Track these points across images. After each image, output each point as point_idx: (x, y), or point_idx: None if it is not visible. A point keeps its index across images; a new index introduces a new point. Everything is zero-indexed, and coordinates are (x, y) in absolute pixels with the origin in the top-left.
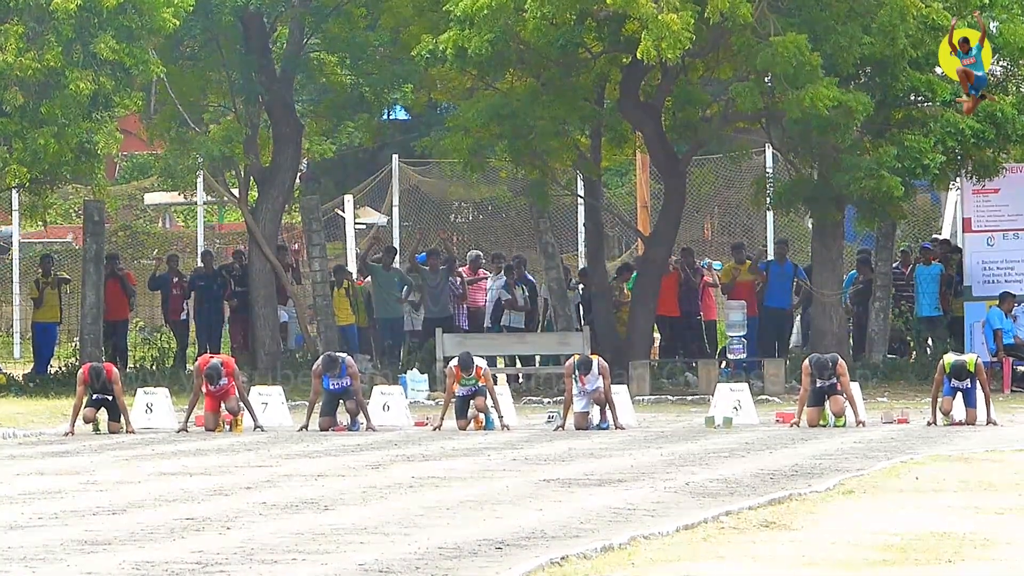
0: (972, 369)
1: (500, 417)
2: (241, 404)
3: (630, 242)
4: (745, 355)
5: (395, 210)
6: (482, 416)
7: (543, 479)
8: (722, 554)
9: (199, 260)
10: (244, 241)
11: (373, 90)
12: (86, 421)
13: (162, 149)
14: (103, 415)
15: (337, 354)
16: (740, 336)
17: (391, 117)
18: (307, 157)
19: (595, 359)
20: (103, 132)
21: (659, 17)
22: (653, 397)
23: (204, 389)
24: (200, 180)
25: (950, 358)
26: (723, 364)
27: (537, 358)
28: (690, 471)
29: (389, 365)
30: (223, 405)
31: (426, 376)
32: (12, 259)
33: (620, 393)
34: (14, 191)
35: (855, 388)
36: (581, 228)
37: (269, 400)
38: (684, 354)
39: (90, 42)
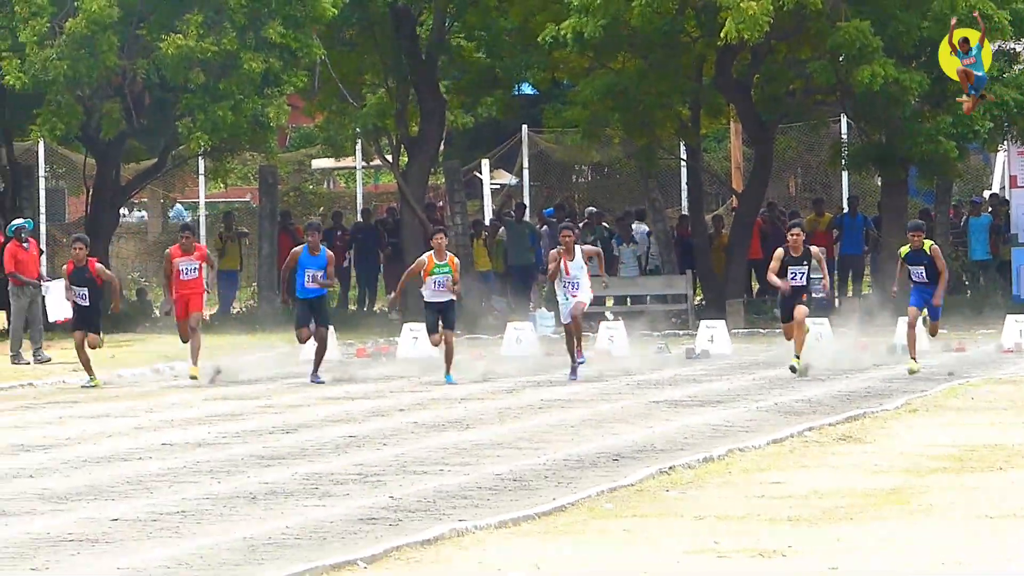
0: (928, 251)
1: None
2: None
3: (725, 198)
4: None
5: (525, 172)
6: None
7: (653, 401)
8: (806, 464)
9: (359, 216)
10: (396, 200)
11: (505, 71)
12: (78, 349)
13: (320, 121)
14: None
15: (317, 223)
16: (819, 278)
17: (520, 92)
18: (450, 127)
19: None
20: (273, 106)
21: (740, 5)
22: (747, 330)
23: (174, 284)
24: (359, 148)
25: (905, 249)
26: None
27: (648, 298)
28: (778, 393)
29: (521, 305)
30: (188, 319)
31: (552, 314)
32: (199, 216)
33: (718, 327)
34: (200, 158)
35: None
36: (684, 186)
37: (419, 335)
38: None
39: (261, 28)
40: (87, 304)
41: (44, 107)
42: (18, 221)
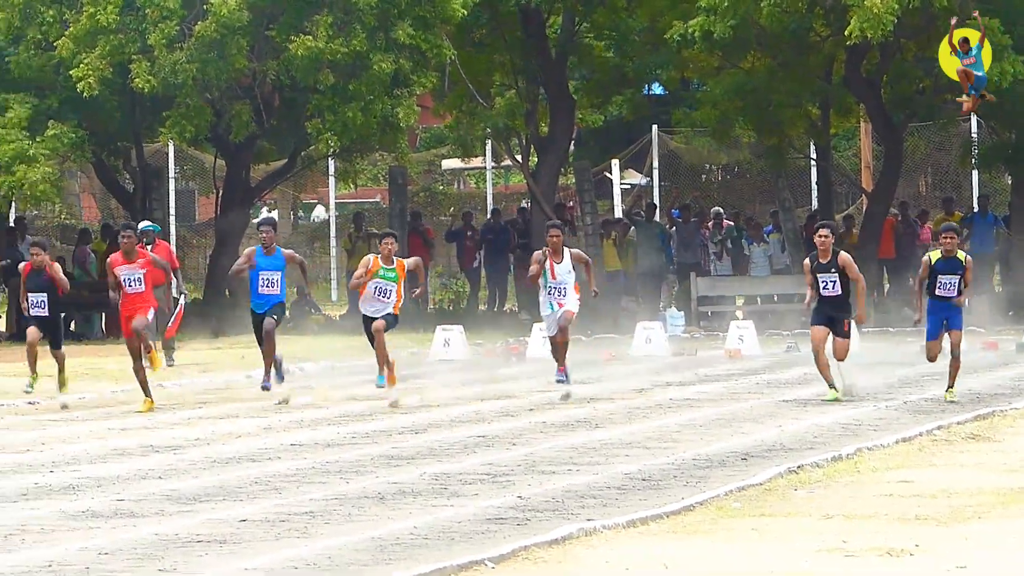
0: (964, 262)
1: (415, 289)
2: (149, 330)
3: (855, 197)
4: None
5: (654, 172)
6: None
7: (782, 400)
8: (935, 462)
9: (489, 216)
10: (527, 200)
11: (635, 70)
12: (30, 351)
13: (450, 121)
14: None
15: (271, 218)
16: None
17: (650, 92)
18: (580, 126)
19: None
20: (403, 107)
21: (865, 3)
22: (877, 329)
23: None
24: (488, 148)
25: (936, 254)
26: None
27: (775, 296)
28: (907, 392)
29: (651, 304)
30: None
31: (682, 313)
32: (330, 216)
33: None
34: (330, 159)
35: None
36: (813, 186)
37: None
38: (904, 292)
39: (390, 29)
40: (46, 313)
41: (173, 110)
42: (143, 224)
